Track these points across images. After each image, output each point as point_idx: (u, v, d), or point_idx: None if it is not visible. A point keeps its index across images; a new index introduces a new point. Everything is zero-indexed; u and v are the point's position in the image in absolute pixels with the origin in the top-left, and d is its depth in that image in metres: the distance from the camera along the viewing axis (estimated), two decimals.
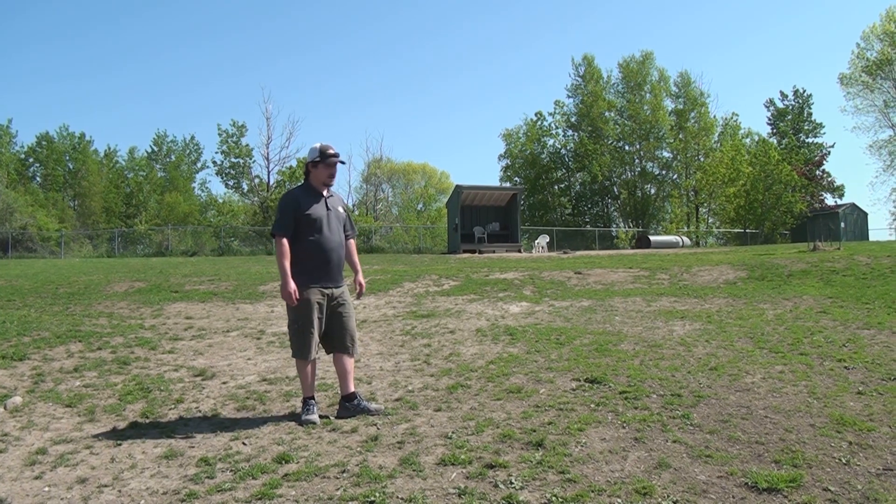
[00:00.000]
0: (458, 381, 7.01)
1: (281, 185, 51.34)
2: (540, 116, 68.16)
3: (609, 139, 64.71)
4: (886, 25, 60.28)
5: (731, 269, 18.37)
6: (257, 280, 16.56)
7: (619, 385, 6.62)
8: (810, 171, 62.28)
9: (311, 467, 4.52)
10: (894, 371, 6.98)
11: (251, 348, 9.28)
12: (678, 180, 66.65)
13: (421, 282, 16.75)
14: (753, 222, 52.96)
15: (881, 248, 22.39)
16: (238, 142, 51.81)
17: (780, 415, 5.53)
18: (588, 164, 62.41)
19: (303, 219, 5.80)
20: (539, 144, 67.21)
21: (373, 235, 42.82)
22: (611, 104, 65.50)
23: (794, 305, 12.28)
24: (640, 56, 65.75)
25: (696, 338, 9.23)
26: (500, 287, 15.89)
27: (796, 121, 74.63)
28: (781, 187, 51.41)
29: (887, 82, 61.11)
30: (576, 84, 66.87)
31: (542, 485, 4.13)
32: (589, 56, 66.40)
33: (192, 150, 76.62)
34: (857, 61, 62.54)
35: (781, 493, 3.95)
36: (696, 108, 65.49)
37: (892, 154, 62.12)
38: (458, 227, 34.85)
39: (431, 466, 4.50)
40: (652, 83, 65.48)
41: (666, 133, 64.00)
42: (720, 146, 64.27)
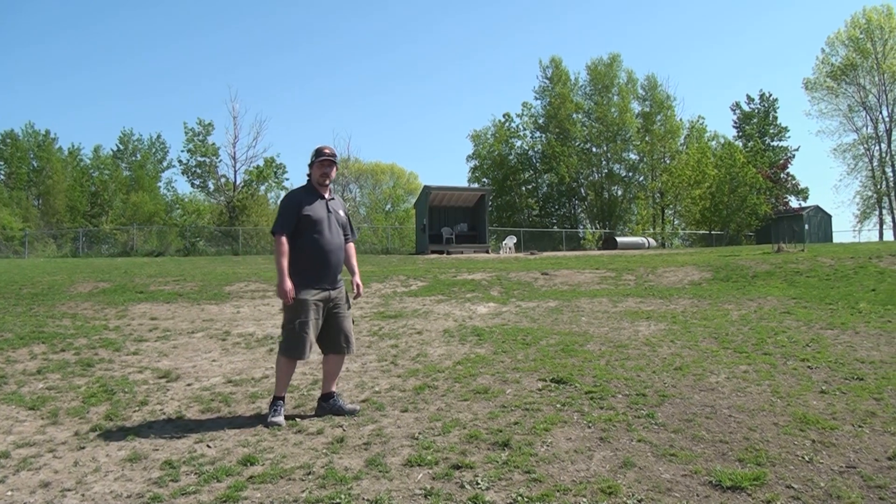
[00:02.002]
0: (425, 382, 6.99)
1: (248, 184, 50.91)
2: (508, 118, 68.37)
3: (576, 141, 65.06)
4: (851, 31, 61.45)
5: (697, 270, 18.54)
6: (223, 281, 16.43)
7: (584, 385, 6.64)
8: (775, 173, 63.21)
9: (277, 469, 4.48)
10: (857, 370, 7.08)
11: (216, 350, 9.20)
12: (644, 182, 67.14)
13: (389, 282, 16.72)
14: (718, 224, 53.51)
15: (844, 250, 22.71)
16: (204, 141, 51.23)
17: (744, 414, 5.58)
18: (555, 165, 62.65)
19: (304, 219, 5.79)
20: (507, 146, 67.35)
21: None
22: (578, 106, 65.85)
23: (758, 306, 12.42)
24: (608, 58, 66.24)
25: (661, 338, 9.30)
26: (468, 288, 15.91)
27: (762, 124, 75.45)
28: (746, 189, 52.00)
29: (851, 87, 62.27)
30: (543, 86, 67.22)
31: (507, 485, 4.13)
32: (557, 58, 66.83)
33: (158, 149, 75.76)
34: (822, 66, 63.81)
35: (745, 492, 3.98)
36: (662, 110, 66.05)
37: (856, 158, 63.39)
38: (426, 227, 34.83)
39: (398, 467, 4.48)
40: (619, 86, 65.90)
41: (633, 135, 64.46)
42: (686, 149, 64.86)
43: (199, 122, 51.29)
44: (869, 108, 62.26)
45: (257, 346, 9.37)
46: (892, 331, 9.44)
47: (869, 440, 4.89)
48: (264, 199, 54.13)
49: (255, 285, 15.70)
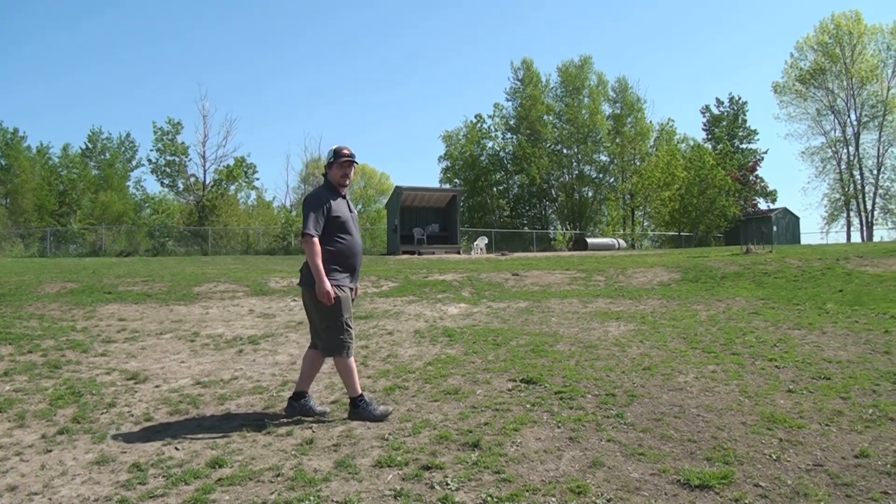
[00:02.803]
0: (396, 383, 6.98)
1: (218, 184, 50.54)
2: (480, 119, 68.38)
3: (547, 142, 65.26)
4: (820, 37, 62.32)
5: (666, 271, 18.66)
6: (192, 281, 16.28)
7: (554, 385, 6.66)
8: (744, 176, 63.83)
9: (245, 471, 4.45)
10: (824, 370, 7.15)
11: (185, 351, 9.11)
12: (615, 184, 67.45)
13: (359, 283, 16.64)
14: (688, 225, 53.98)
15: (812, 252, 22.98)
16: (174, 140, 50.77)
17: (712, 413, 5.62)
18: (526, 166, 62.77)
19: (333, 220, 5.76)
20: (479, 146, 67.37)
21: None
22: (549, 108, 66.04)
23: (726, 306, 12.51)
24: (579, 60, 66.42)
25: (630, 338, 9.34)
26: (439, 288, 15.90)
27: (731, 127, 76.18)
28: (715, 191, 52.50)
29: (820, 91, 63.13)
30: (515, 87, 67.30)
31: (477, 485, 4.14)
32: (528, 60, 66.95)
33: (127, 148, 74.89)
34: (791, 71, 64.66)
35: (713, 490, 4.01)
36: (633, 113, 66.40)
37: (824, 161, 64.22)
38: (397, 228, 34.81)
39: (367, 468, 4.47)
40: (590, 88, 66.12)
41: (603, 137, 64.70)
42: (656, 151, 65.32)
43: (168, 120, 50.83)
44: (837, 111, 63.09)
45: (226, 347, 9.30)
46: (858, 331, 9.55)
47: (836, 439, 4.94)
48: (234, 198, 53.83)
49: (225, 286, 15.59)
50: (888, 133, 61.10)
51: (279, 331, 10.44)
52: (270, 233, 43.10)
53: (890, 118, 60.71)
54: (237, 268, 21.24)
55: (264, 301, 13.84)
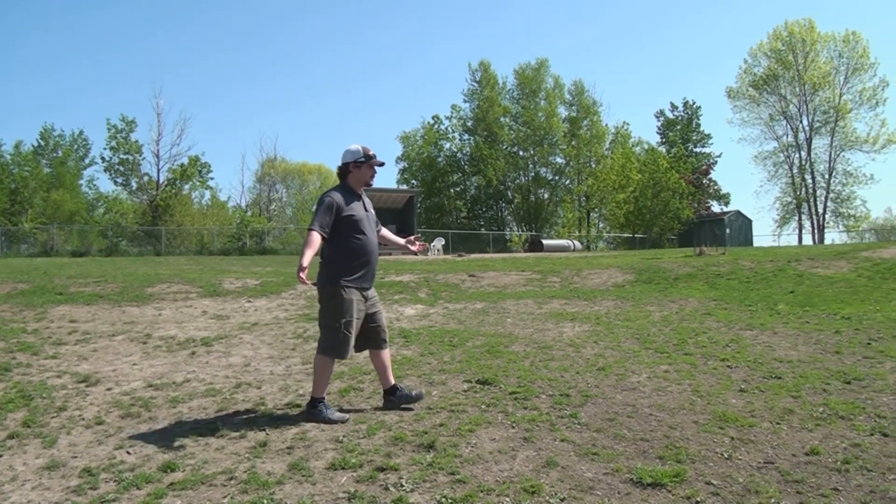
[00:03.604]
0: (350, 385, 6.94)
1: (171, 183, 49.96)
2: (437, 120, 68.52)
3: (504, 144, 65.47)
4: (774, 43, 63.41)
5: (620, 272, 18.81)
6: (144, 282, 16.06)
7: (509, 386, 6.67)
8: (697, 179, 64.78)
9: (198, 475, 4.38)
10: (775, 370, 7.26)
11: (137, 353, 8.98)
12: (570, 186, 67.91)
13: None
14: (642, 227, 54.54)
15: (764, 254, 23.35)
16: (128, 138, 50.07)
17: (665, 412, 5.67)
18: (483, 168, 62.98)
19: (346, 220, 5.75)
20: (436, 148, 67.47)
21: (266, 237, 42.16)
22: (506, 110, 66.29)
23: (679, 307, 12.65)
24: (536, 63, 66.76)
25: (584, 339, 9.40)
26: (396, 289, 15.86)
27: (685, 131, 77.25)
28: (669, 194, 53.12)
29: (773, 97, 64.22)
30: (472, 89, 67.49)
31: (432, 486, 4.12)
32: (486, 62, 67.13)
33: (80, 146, 73.42)
34: (745, 76, 65.71)
35: (665, 488, 4.04)
36: (588, 116, 66.91)
37: (776, 165, 65.32)
38: None
39: (321, 471, 4.44)
40: (547, 90, 66.51)
41: (559, 139, 65.16)
42: (611, 153, 65.98)
43: (122, 118, 50.14)
44: (789, 117, 64.21)
45: (179, 349, 9.18)
46: (809, 331, 9.71)
47: (787, 437, 5.00)
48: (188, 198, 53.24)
49: (178, 287, 15.40)
50: (839, 138, 62.31)
51: (233, 332, 10.34)
52: (225, 233, 42.74)
53: (841, 124, 61.89)
54: (191, 268, 21.00)
55: (218, 302, 13.69)
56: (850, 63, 61.67)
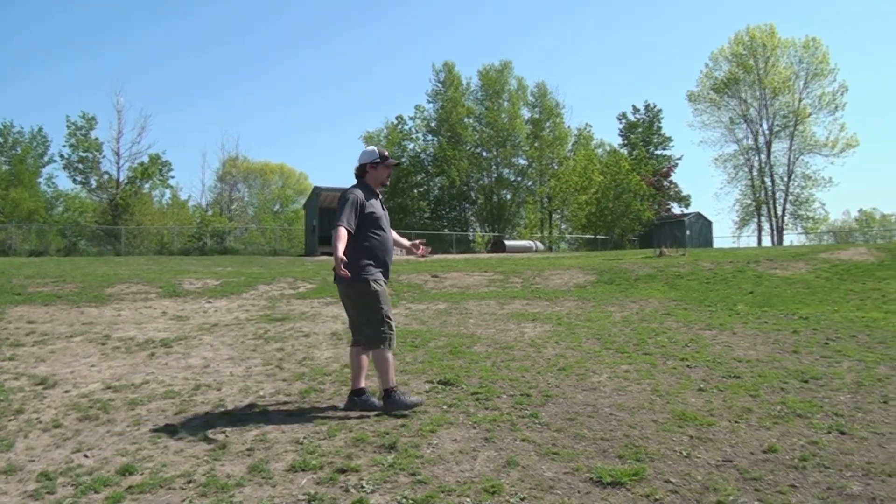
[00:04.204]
0: (312, 386, 6.91)
1: (132, 181, 49.30)
2: (401, 120, 68.35)
3: (467, 145, 65.46)
4: (735, 48, 64.31)
5: (582, 273, 18.93)
6: (103, 282, 15.86)
7: (471, 386, 6.69)
8: (658, 181, 65.36)
9: (157, 478, 4.33)
10: (734, 369, 7.36)
11: (95, 354, 8.85)
12: (533, 187, 68.06)
13: (276, 284, 16.46)
14: (604, 228, 54.93)
15: (724, 255, 23.61)
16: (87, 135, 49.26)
17: (625, 412, 5.71)
18: (447, 168, 62.92)
19: (368, 217, 5.95)
20: (399, 148, 67.29)
21: (227, 236, 41.80)
22: (470, 111, 66.29)
23: (640, 308, 12.75)
24: (500, 65, 66.85)
25: (546, 339, 9.44)
26: None
27: (646, 133, 77.94)
28: (631, 196, 53.56)
29: (733, 100, 65.08)
30: (436, 90, 67.38)
31: (392, 487, 4.12)
32: (450, 63, 67.05)
33: (39, 143, 72.06)
34: (706, 80, 66.53)
35: (625, 487, 4.08)
36: (551, 117, 67.10)
37: (736, 167, 66.20)
38: (315, 229, 34.58)
39: (281, 473, 4.41)
40: (510, 92, 66.59)
41: (522, 141, 65.27)
42: (573, 155, 66.20)
43: (82, 115, 49.30)
44: (750, 120, 65.05)
45: (138, 350, 9.06)
46: (768, 331, 9.84)
47: (745, 435, 5.07)
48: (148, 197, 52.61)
49: (137, 287, 15.23)
50: (799, 142, 63.32)
51: (192, 333, 10.23)
52: (185, 233, 42.31)
53: (801, 128, 62.89)
54: (150, 268, 20.78)
55: (177, 303, 13.56)
56: (809, 68, 62.73)
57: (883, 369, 7.35)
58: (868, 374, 7.13)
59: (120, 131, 50.67)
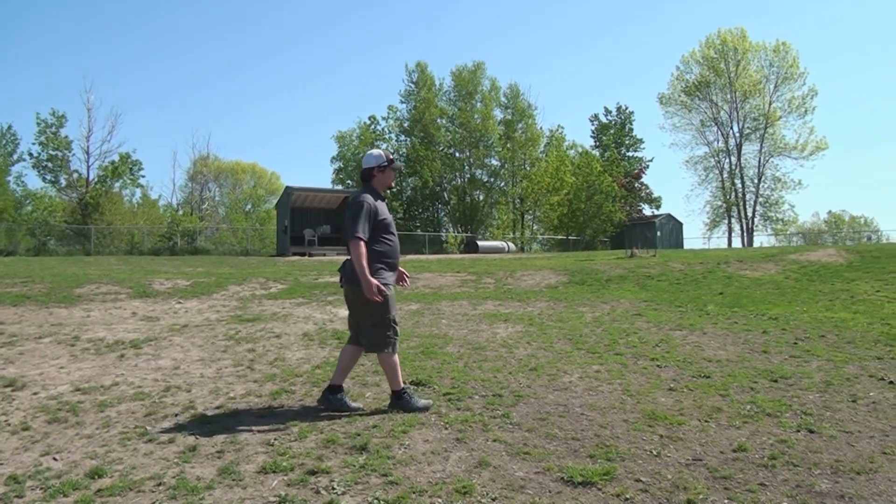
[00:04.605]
0: (283, 387, 6.87)
1: (102, 180, 48.75)
2: (373, 120, 68.39)
3: (440, 146, 65.56)
4: (706, 51, 64.90)
5: (553, 273, 19.00)
6: (73, 282, 15.70)
7: (443, 387, 6.70)
8: (630, 182, 65.75)
9: (126, 481, 4.29)
10: (704, 369, 7.42)
11: (65, 356, 8.74)
12: (505, 188, 68.26)
13: (247, 285, 16.38)
14: (575, 229, 55.10)
15: (694, 256, 23.80)
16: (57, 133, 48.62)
17: (596, 412, 5.74)
18: (420, 169, 62.96)
19: (380, 223, 5.97)
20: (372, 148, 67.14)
21: (198, 236, 41.47)
22: (442, 111, 66.39)
23: (611, 308, 12.82)
24: (473, 66, 66.98)
25: (518, 339, 9.47)
26: (330, 290, 15.77)
27: (618, 135, 78.41)
28: (602, 197, 53.77)
29: (704, 103, 65.66)
30: (409, 90, 67.44)
31: (364, 488, 4.11)
32: (422, 63, 67.17)
33: (8, 141, 71.10)
34: (677, 83, 67.10)
35: (596, 486, 4.10)
36: (524, 118, 67.36)
37: (707, 169, 66.88)
38: (287, 229, 34.40)
39: (251, 475, 4.38)
40: (483, 93, 66.76)
41: (495, 142, 65.47)
42: (546, 156, 66.49)
43: (52, 112, 48.69)
44: (720, 123, 65.75)
45: (107, 351, 8.97)
46: (737, 331, 9.93)
47: (715, 434, 5.12)
48: (119, 196, 52.01)
49: (107, 287, 15.09)
50: (769, 145, 64.09)
51: (163, 334, 10.15)
52: (156, 232, 41.93)
53: (771, 131, 63.65)
54: (121, 269, 20.61)
55: (148, 303, 13.44)
56: (780, 72, 63.48)
57: (851, 369, 7.45)
58: (836, 373, 7.22)
59: (90, 129, 50.01)
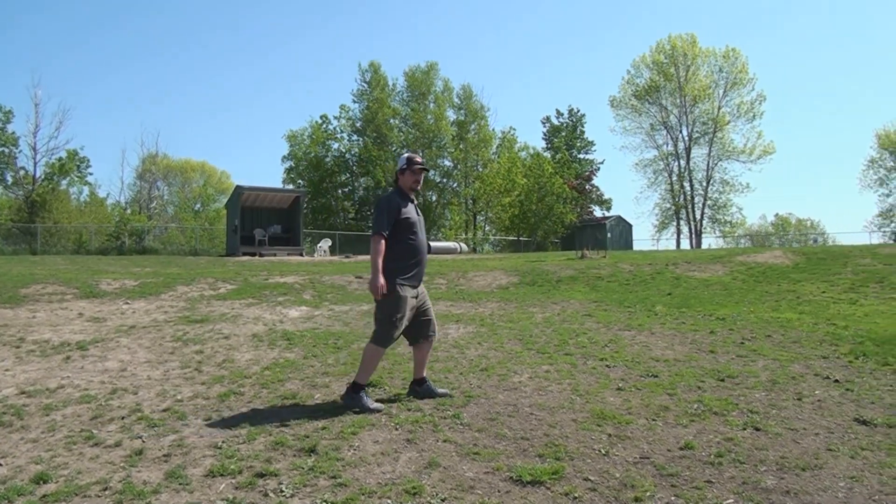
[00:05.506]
0: (231, 389, 6.81)
1: (49, 178, 47.80)
2: (325, 120, 67.94)
3: (393, 146, 65.40)
4: (656, 56, 65.80)
5: (505, 274, 19.09)
6: (18, 282, 15.39)
7: (393, 388, 6.73)
8: (581, 184, 66.25)
9: (72, 486, 4.22)
10: (652, 368, 7.52)
11: (9, 358, 8.57)
12: (458, 189, 68.39)
13: (196, 285, 16.20)
14: (527, 231, 55.37)
15: (643, 257, 24.06)
16: (3, 129, 47.58)
17: (545, 411, 5.79)
18: (372, 169, 62.81)
19: (402, 222, 6.16)
20: (324, 148, 66.87)
21: (146, 236, 40.82)
22: (395, 111, 66.28)
23: (561, 309, 12.91)
24: (426, 66, 66.98)
25: (469, 340, 9.50)
26: (280, 291, 15.67)
27: (569, 137, 79.11)
28: (553, 199, 54.11)
29: (654, 107, 66.51)
30: (362, 89, 67.18)
31: (312, 491, 4.10)
32: (375, 63, 66.91)
33: None
34: (628, 87, 67.96)
35: (544, 485, 4.14)
36: (476, 120, 67.55)
37: (656, 172, 67.79)
38: (237, 228, 34.06)
39: (199, 479, 4.34)
40: (436, 93, 66.79)
41: (447, 142, 65.54)
42: (498, 158, 66.73)
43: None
44: (670, 127, 66.72)
45: (53, 353, 8.82)
46: (685, 331, 10.07)
47: (662, 432, 5.19)
48: (66, 194, 51.03)
49: (53, 288, 14.82)
50: (717, 149, 65.25)
51: (110, 336, 10.01)
52: (103, 232, 41.12)
53: (720, 135, 64.84)
54: (67, 268, 20.25)
55: (95, 304, 13.24)
56: (729, 77, 64.61)
57: (797, 368, 7.61)
58: (782, 372, 7.37)
59: (37, 125, 48.98)
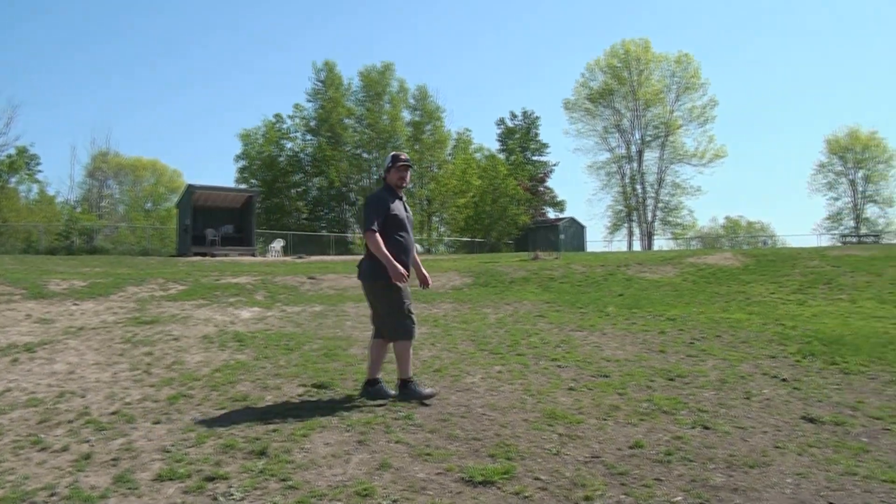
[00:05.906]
0: (180, 391, 6.73)
1: None
2: (279, 119, 67.45)
3: (347, 146, 65.13)
4: (610, 60, 66.60)
5: (459, 275, 19.15)
6: None
7: (345, 389, 6.71)
8: (534, 186, 66.80)
9: (18, 492, 4.14)
10: (603, 368, 7.63)
11: None
12: (413, 189, 68.33)
13: (146, 286, 15.98)
14: (481, 232, 55.65)
15: (595, 259, 24.30)
16: None
17: (497, 412, 5.83)
18: (326, 169, 62.52)
19: (391, 218, 6.32)
20: (277, 147, 66.40)
21: (96, 235, 40.17)
22: (350, 111, 66.01)
23: (514, 310, 12.99)
24: (381, 66, 66.81)
25: (422, 341, 9.50)
26: (232, 292, 15.54)
27: (524, 139, 79.50)
28: (508, 200, 54.49)
29: (608, 110, 67.33)
30: (316, 89, 66.77)
31: (263, 494, 4.08)
32: (331, 62, 66.52)
33: None
34: (582, 90, 68.65)
35: (496, 485, 4.18)
36: (432, 120, 67.49)
37: (609, 175, 68.59)
38: (188, 228, 33.68)
39: (147, 483, 4.30)
40: (391, 94, 66.66)
41: (402, 143, 65.43)
42: (453, 159, 66.85)
43: None
44: (623, 130, 67.61)
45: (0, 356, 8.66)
46: (636, 332, 10.21)
47: (612, 432, 5.27)
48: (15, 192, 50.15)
49: (0, 288, 14.56)
50: (669, 152, 66.30)
51: (58, 337, 9.83)
52: (53, 231, 40.42)
53: (672, 139, 65.88)
54: (15, 268, 19.83)
55: (43, 305, 12.99)
56: (681, 82, 65.73)
57: (745, 367, 7.76)
58: (731, 371, 7.51)
59: None
